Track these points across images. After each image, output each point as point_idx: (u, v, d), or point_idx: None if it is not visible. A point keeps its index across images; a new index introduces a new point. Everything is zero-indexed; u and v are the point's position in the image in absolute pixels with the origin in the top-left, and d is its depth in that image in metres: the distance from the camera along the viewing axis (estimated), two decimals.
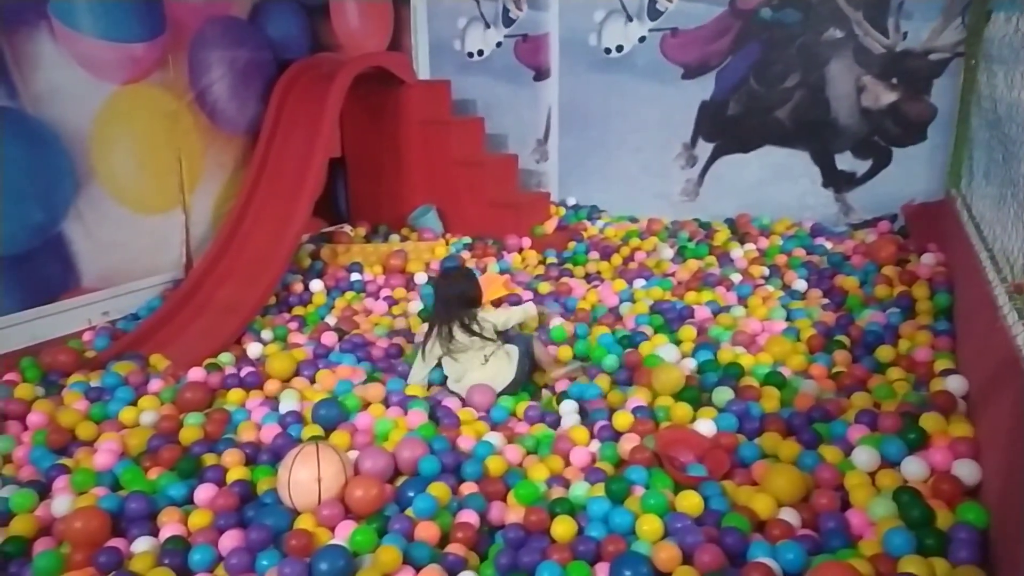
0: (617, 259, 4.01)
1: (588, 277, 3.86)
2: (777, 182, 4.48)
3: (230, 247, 3.62)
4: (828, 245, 3.93)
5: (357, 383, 2.76)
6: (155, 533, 1.99)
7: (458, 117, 4.82)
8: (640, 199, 4.80)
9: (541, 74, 4.95)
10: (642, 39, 4.61)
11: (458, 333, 2.69)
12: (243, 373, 2.83)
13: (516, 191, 4.83)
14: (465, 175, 4.43)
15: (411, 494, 2.05)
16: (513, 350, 2.73)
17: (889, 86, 4.12)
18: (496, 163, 4.64)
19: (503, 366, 2.71)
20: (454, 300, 2.73)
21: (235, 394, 2.72)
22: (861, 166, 4.29)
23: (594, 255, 4.07)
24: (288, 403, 2.59)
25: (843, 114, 4.23)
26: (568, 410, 2.50)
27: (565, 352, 2.93)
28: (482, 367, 2.70)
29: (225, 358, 3.03)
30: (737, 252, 3.88)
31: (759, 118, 4.43)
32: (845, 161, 4.31)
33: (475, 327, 2.70)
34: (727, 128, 4.53)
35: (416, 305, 3.48)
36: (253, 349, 3.10)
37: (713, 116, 4.54)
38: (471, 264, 3.93)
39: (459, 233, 4.39)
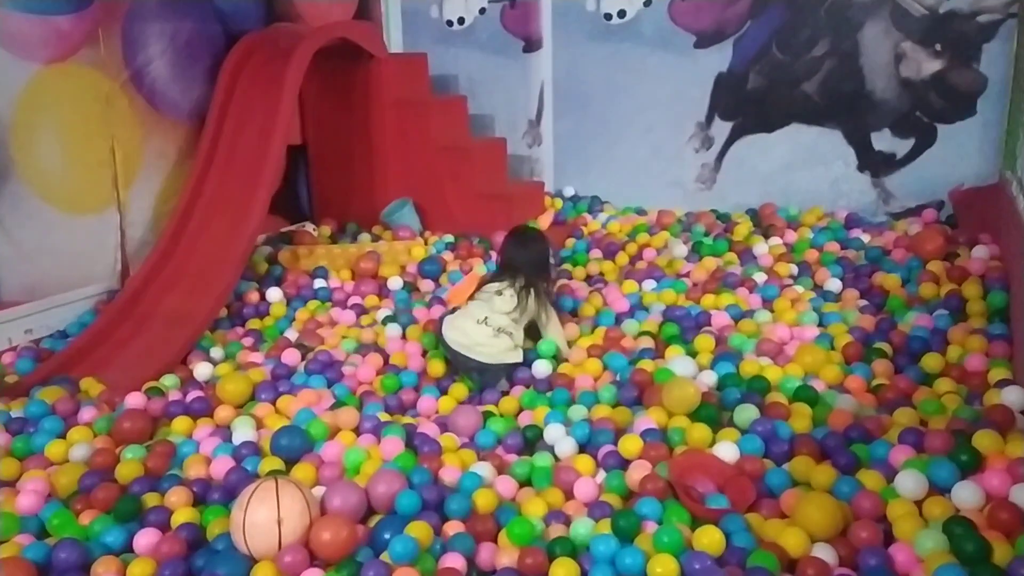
0: (623, 258, 4.02)
1: (590, 279, 3.87)
2: (806, 166, 4.50)
3: (174, 251, 3.61)
4: (865, 238, 3.94)
5: (324, 408, 2.75)
6: None
7: (437, 96, 4.81)
8: (649, 188, 4.81)
9: (532, 45, 4.96)
10: (648, 2, 4.64)
11: (530, 297, 2.97)
12: (190, 398, 2.82)
13: (505, 181, 4.83)
14: (446, 163, 4.43)
15: (387, 536, 2.04)
16: (520, 355, 2.96)
17: (932, 53, 4.15)
18: (482, 149, 4.64)
19: (490, 340, 2.92)
20: (531, 264, 3.02)
21: (181, 423, 2.71)
22: (902, 146, 4.32)
23: (596, 254, 4.09)
24: (243, 432, 2.59)
25: (880, 86, 4.25)
26: (557, 434, 2.51)
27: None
28: (475, 324, 2.94)
29: (169, 381, 3.02)
30: (761, 248, 3.89)
31: (784, 92, 4.44)
32: (883, 141, 4.33)
33: (537, 300, 2.98)
34: (747, 104, 4.54)
35: (389, 313, 3.49)
36: (202, 370, 3.09)
37: (731, 91, 4.55)
38: (455, 267, 3.94)
39: (440, 230, 4.39)
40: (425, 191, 4.46)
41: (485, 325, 2.96)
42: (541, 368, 2.95)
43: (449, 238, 4.27)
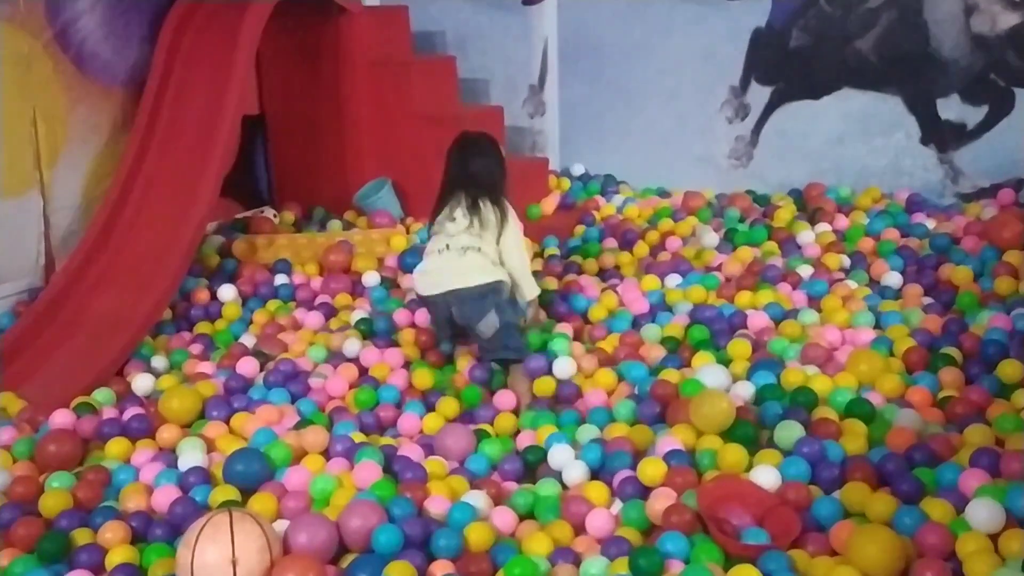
0: (643, 248, 4.03)
1: (603, 274, 3.87)
2: (859, 139, 4.49)
3: (108, 242, 3.61)
4: (930, 224, 3.94)
5: (287, 427, 2.75)
6: None
7: (421, 56, 4.80)
8: (673, 165, 4.81)
9: None
10: None
11: (483, 207, 3.02)
12: (127, 416, 2.82)
13: (502, 157, 4.83)
14: (432, 136, 4.35)
15: None
16: (501, 273, 3.04)
17: (1009, 4, 4.15)
18: (474, 118, 4.58)
19: (457, 263, 2.99)
20: (481, 174, 3.07)
21: (117, 445, 2.70)
22: (973, 115, 4.32)
23: (611, 243, 4.09)
24: (190, 456, 2.58)
25: (947, 44, 4.26)
26: (563, 458, 2.51)
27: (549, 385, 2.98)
28: (437, 256, 3.03)
29: (102, 396, 3.01)
30: (807, 235, 3.90)
31: (833, 51, 4.44)
32: (951, 108, 4.33)
33: (494, 208, 3.03)
34: (790, 66, 4.54)
35: (364, 314, 3.48)
36: (141, 383, 3.08)
37: (771, 49, 4.55)
38: None
39: (425, 216, 4.27)
40: (407, 170, 4.45)
41: (447, 250, 3.02)
42: (563, 367, 2.97)
43: None
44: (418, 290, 3.14)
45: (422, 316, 3.36)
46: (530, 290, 3.16)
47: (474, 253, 3.02)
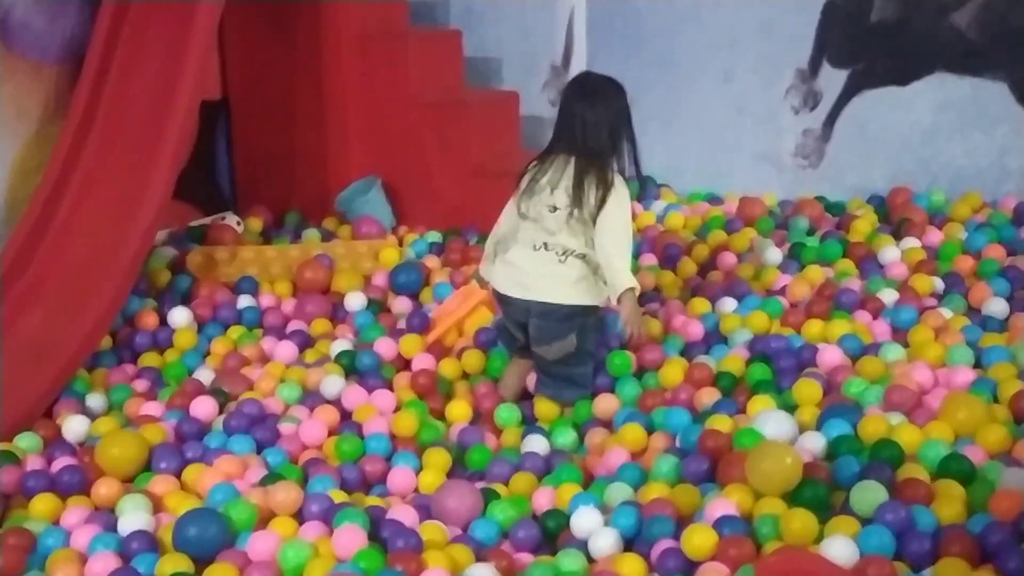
0: (689, 266, 4.03)
1: (640, 297, 3.83)
2: (957, 133, 4.51)
3: (35, 252, 3.61)
4: None
5: (252, 482, 2.75)
6: None
7: (419, 29, 4.84)
8: (727, 165, 4.84)
9: None
10: None
11: (588, 181, 3.01)
12: (57, 467, 2.81)
13: (518, 152, 4.81)
14: (432, 127, 4.45)
15: None
16: (601, 294, 3.09)
17: None
18: (485, 105, 4.69)
19: (554, 269, 3.03)
20: (602, 129, 3.06)
21: (43, 502, 2.70)
22: None
23: (650, 259, 4.09)
24: (133, 517, 2.57)
25: None
26: (590, 524, 2.49)
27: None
28: (531, 252, 3.06)
29: (26, 442, 3.00)
30: (891, 252, 3.90)
31: (924, 27, 4.45)
32: None
33: (597, 183, 3.01)
34: (871, 44, 4.56)
35: (347, 345, 3.48)
36: (74, 426, 3.09)
37: (847, 23, 4.58)
38: (442, 278, 3.94)
39: (422, 224, 4.42)
40: (400, 167, 4.49)
41: (545, 250, 3.06)
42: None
43: (435, 235, 4.27)
44: (496, 283, 3.18)
45: (422, 360, 3.38)
46: (620, 279, 3.03)
47: (577, 261, 3.07)
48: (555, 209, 3.06)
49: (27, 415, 3.14)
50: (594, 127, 3.08)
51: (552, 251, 3.06)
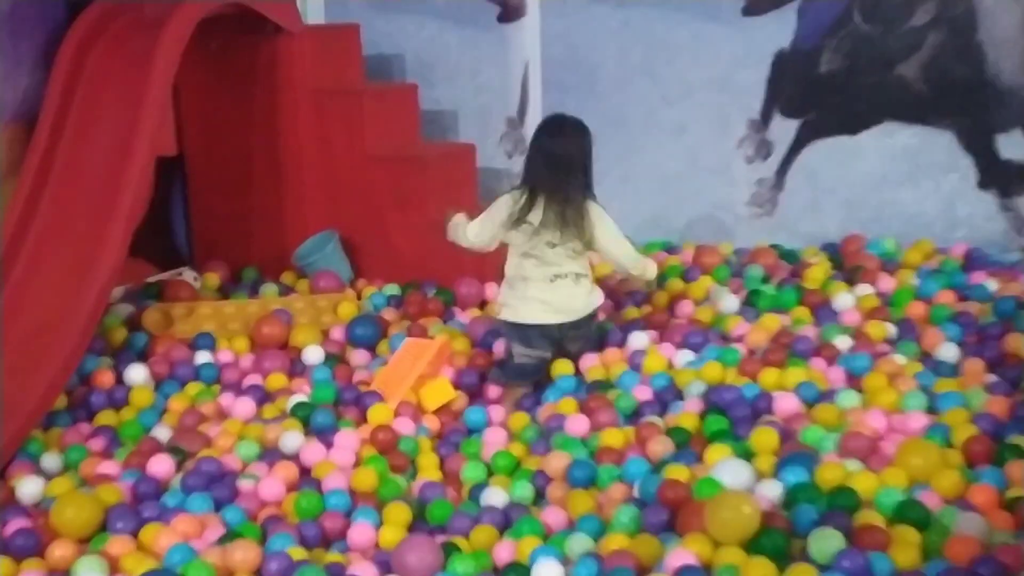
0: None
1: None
2: (906, 182, 4.54)
3: None
4: (993, 284, 3.95)
5: (210, 542, 2.70)
6: None
7: (375, 84, 4.83)
8: (682, 214, 4.83)
9: (511, 11, 4.99)
10: None
11: (571, 215, 3.39)
12: (10, 530, 2.76)
13: (475, 205, 4.73)
14: (388, 180, 4.43)
15: None
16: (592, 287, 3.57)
17: None
18: (440, 159, 4.64)
19: (574, 291, 3.48)
20: (572, 164, 3.44)
21: None
22: None
23: (606, 308, 3.99)
24: None
25: (1008, 69, 4.30)
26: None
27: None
28: (550, 285, 3.45)
29: None
30: (845, 299, 3.88)
31: (872, 78, 4.48)
32: (1014, 145, 4.38)
33: (577, 217, 3.40)
34: (821, 95, 4.60)
35: (303, 399, 3.45)
36: (28, 487, 3.03)
37: (797, 76, 4.60)
38: (399, 330, 3.92)
39: (380, 278, 4.40)
40: (358, 221, 4.46)
41: (560, 280, 3.47)
42: None
43: (393, 288, 4.26)
44: (519, 318, 3.49)
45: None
46: (645, 271, 3.62)
47: (584, 279, 3.52)
48: (554, 245, 3.42)
49: None
50: (566, 163, 3.43)
51: (565, 279, 3.46)
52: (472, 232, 3.58)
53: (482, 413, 3.38)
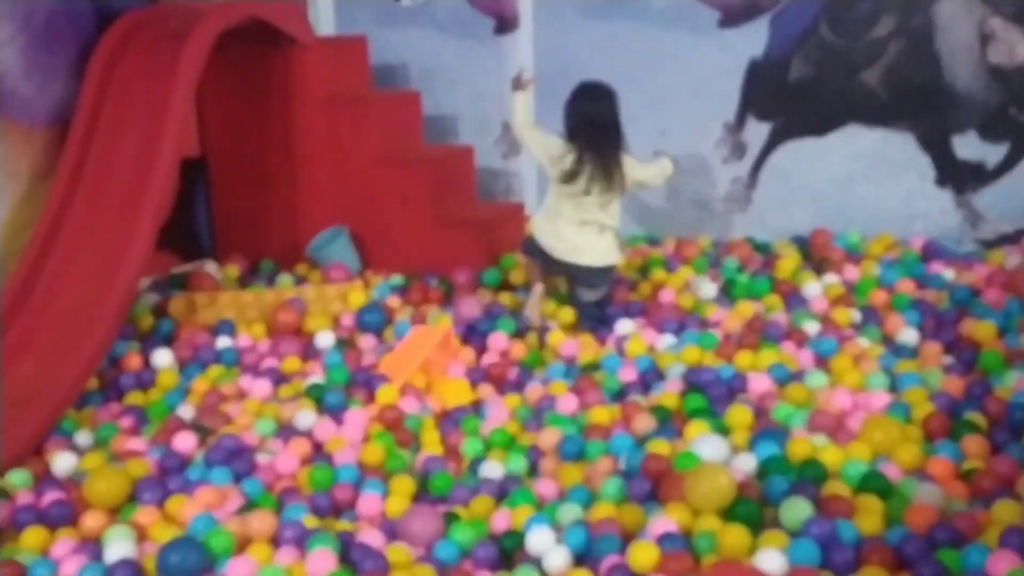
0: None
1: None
2: (868, 180, 4.56)
3: (27, 302, 3.58)
4: (949, 274, 4.00)
5: (230, 512, 2.74)
6: None
7: (381, 91, 4.84)
8: (663, 210, 4.85)
9: (506, 23, 5.01)
10: None
11: (612, 168, 3.70)
12: (46, 501, 2.79)
13: (473, 202, 4.86)
14: (394, 180, 4.45)
15: None
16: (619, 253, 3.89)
17: None
18: (441, 160, 4.67)
19: (596, 240, 3.76)
20: (609, 123, 3.71)
21: (33, 535, 2.68)
22: (993, 153, 4.40)
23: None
24: (119, 547, 2.56)
25: (962, 76, 4.33)
26: (543, 543, 2.49)
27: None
28: (579, 228, 3.73)
29: (17, 478, 2.98)
30: (813, 288, 3.94)
31: (838, 84, 4.50)
32: (968, 146, 4.40)
33: (617, 175, 3.70)
34: (790, 100, 4.61)
35: (318, 380, 3.48)
36: (62, 462, 3.06)
37: (769, 82, 4.62)
38: (404, 317, 3.96)
39: (386, 269, 4.41)
40: (365, 217, 4.47)
41: (587, 226, 3.73)
42: None
43: (397, 279, 4.29)
44: (548, 248, 3.78)
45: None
46: (668, 171, 3.92)
47: (609, 232, 3.77)
48: (588, 193, 3.69)
49: (18, 453, 3.11)
50: (606, 124, 3.71)
51: (593, 226, 3.72)
52: (525, 126, 3.90)
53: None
